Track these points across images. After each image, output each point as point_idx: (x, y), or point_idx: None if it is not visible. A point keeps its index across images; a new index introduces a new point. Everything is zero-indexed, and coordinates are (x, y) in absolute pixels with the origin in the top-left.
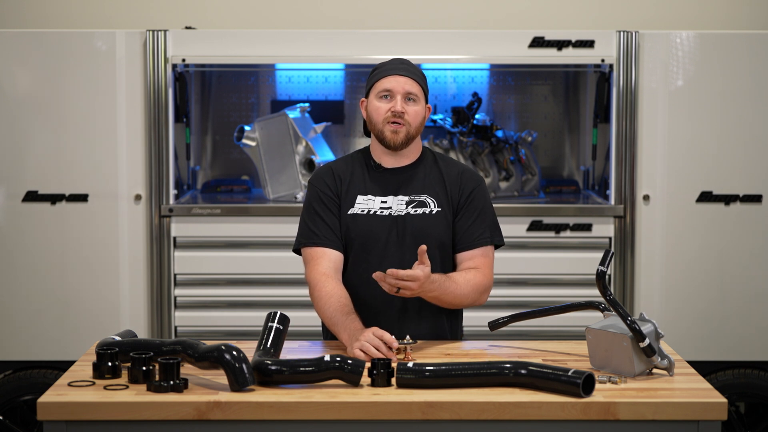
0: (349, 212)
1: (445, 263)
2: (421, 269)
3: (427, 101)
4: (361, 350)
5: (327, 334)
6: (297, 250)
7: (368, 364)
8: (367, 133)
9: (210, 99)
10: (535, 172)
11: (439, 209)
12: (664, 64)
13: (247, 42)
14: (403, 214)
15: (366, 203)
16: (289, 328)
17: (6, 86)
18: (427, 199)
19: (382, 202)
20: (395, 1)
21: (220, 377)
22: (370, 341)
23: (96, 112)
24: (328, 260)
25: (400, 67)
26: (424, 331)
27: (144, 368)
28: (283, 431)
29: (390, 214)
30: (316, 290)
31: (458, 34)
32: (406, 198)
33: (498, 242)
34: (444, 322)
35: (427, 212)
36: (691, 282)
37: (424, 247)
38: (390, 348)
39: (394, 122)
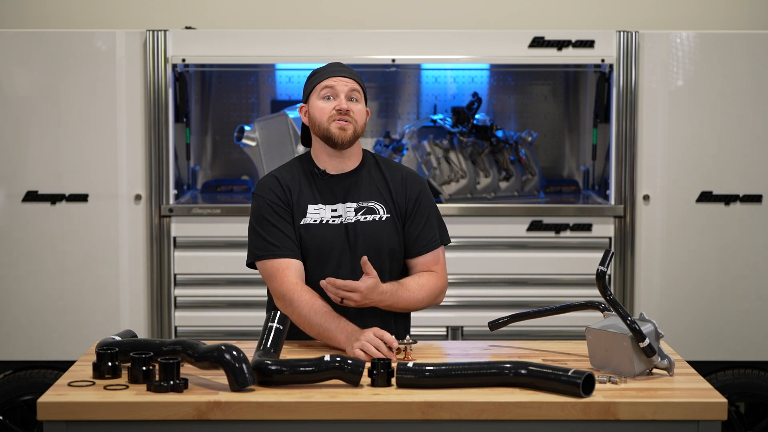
0: (301, 222)
1: (393, 269)
2: (362, 281)
3: (366, 104)
4: (362, 350)
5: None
6: (251, 264)
7: (368, 364)
8: (305, 143)
9: (210, 99)
10: (535, 172)
11: (388, 215)
12: (664, 64)
13: (247, 42)
14: (353, 221)
15: (318, 212)
16: (289, 328)
17: (6, 86)
18: (376, 206)
19: (333, 210)
20: (395, 1)
21: (220, 377)
22: (370, 341)
23: (96, 112)
24: (295, 270)
25: (340, 69)
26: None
27: (144, 368)
28: (283, 431)
29: (341, 222)
30: (294, 301)
31: (458, 34)
32: (355, 205)
33: (446, 241)
34: (390, 320)
35: (377, 219)
36: (691, 282)
37: (365, 258)
38: (390, 348)
39: (340, 119)
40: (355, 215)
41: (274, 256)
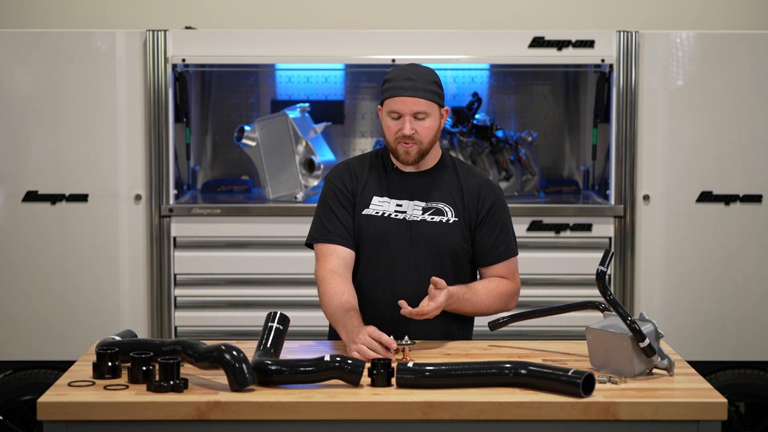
0: (363, 212)
1: (457, 271)
2: (434, 301)
3: (442, 105)
4: (358, 353)
5: (332, 334)
6: (309, 245)
7: (368, 364)
8: None
9: (210, 99)
10: (535, 172)
11: (456, 219)
12: (664, 64)
13: (247, 42)
14: (418, 219)
15: (381, 205)
16: (289, 328)
17: (6, 86)
18: (445, 208)
19: (398, 205)
20: (395, 1)
21: (220, 377)
22: (366, 343)
23: (96, 112)
24: (338, 257)
25: (407, 85)
26: (432, 333)
27: (144, 368)
28: (283, 431)
29: (404, 218)
30: (322, 287)
31: (458, 34)
32: (423, 204)
33: (515, 252)
34: (452, 324)
35: (443, 221)
36: (691, 282)
37: (436, 279)
38: (387, 348)
39: (404, 143)
40: (422, 214)
41: (325, 240)
